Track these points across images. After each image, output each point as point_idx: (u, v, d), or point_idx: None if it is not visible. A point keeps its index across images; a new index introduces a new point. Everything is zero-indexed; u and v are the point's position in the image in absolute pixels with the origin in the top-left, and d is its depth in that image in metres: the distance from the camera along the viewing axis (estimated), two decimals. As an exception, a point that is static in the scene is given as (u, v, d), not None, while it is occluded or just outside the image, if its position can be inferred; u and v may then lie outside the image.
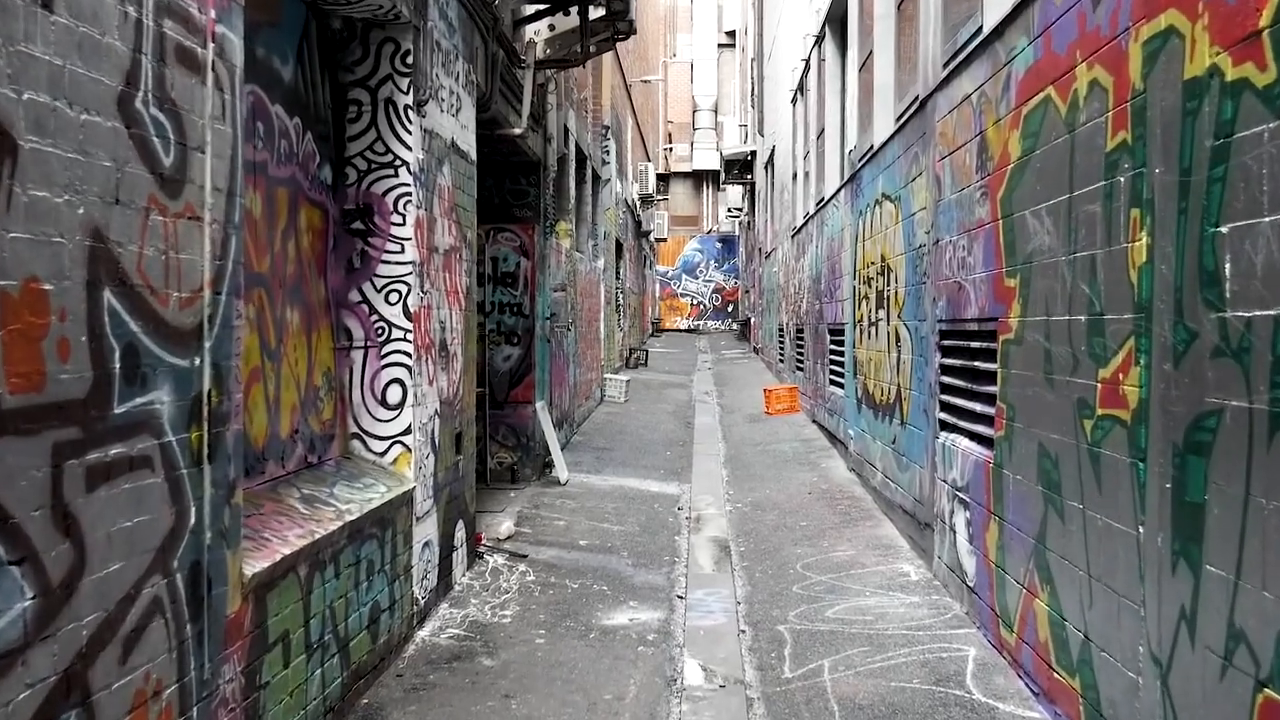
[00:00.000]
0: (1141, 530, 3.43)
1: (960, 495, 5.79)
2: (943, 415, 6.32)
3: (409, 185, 5.29)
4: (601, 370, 16.02)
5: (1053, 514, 4.28)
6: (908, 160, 7.38)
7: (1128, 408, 3.55)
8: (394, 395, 5.29)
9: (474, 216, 6.68)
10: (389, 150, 5.29)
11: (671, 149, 41.90)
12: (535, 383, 9.57)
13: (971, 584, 5.55)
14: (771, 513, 8.53)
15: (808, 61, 14.37)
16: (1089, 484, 3.88)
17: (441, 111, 5.84)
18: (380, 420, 5.30)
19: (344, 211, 5.28)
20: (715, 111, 42.36)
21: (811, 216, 13.95)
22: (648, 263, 34.04)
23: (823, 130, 12.94)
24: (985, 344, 5.41)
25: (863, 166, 9.42)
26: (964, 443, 5.82)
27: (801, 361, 15.22)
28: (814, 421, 13.27)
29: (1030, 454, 4.57)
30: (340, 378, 5.27)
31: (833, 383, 11.68)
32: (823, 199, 12.69)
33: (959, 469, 5.84)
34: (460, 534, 6.35)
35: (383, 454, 5.30)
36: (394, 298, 5.29)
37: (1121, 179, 3.61)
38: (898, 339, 7.76)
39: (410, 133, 5.29)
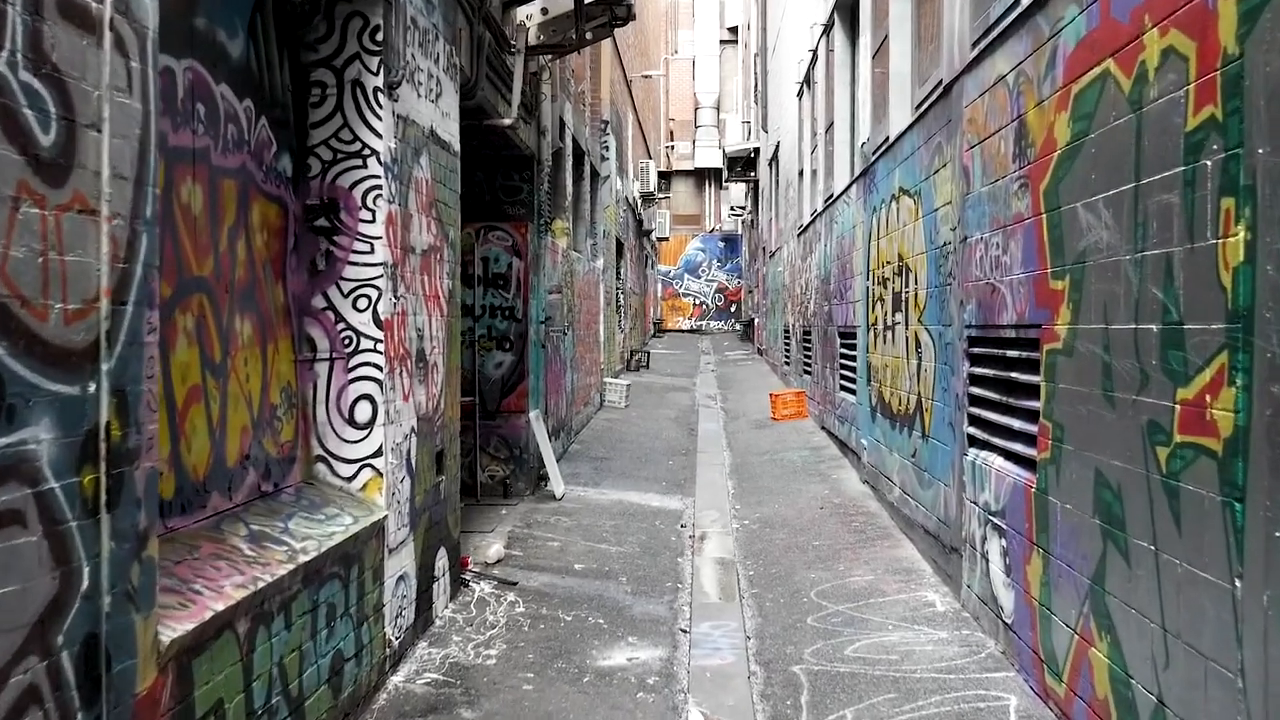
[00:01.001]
0: (1239, 584, 2.85)
1: (994, 520, 5.22)
2: (971, 430, 5.75)
3: (379, 177, 4.72)
4: (601, 374, 15.45)
5: (1114, 553, 3.71)
6: (929, 151, 6.81)
7: (1218, 435, 2.97)
8: (363, 413, 4.73)
9: (457, 213, 6.11)
10: (356, 138, 4.72)
11: (673, 147, 41.33)
12: (529, 391, 9.00)
13: (1009, 620, 4.98)
14: (781, 531, 7.96)
15: (815, 52, 13.79)
16: (1164, 523, 3.31)
17: (418, 96, 5.27)
18: (348, 441, 4.73)
19: (306, 207, 4.71)
20: (717, 109, 41.78)
21: (819, 214, 13.38)
22: (649, 262, 33.47)
23: (831, 124, 12.36)
24: (1024, 353, 4.83)
25: (877, 160, 8.85)
26: (998, 462, 5.24)
27: (809, 365, 14.64)
28: (823, 428, 12.70)
29: (1084, 481, 4.00)
30: (303, 393, 4.70)
31: (843, 388, 11.11)
32: (832, 195, 12.12)
33: (992, 491, 5.27)
34: (442, 562, 5.78)
35: (351, 479, 4.73)
36: (363, 303, 4.72)
37: (1208, 163, 3.04)
38: (918, 344, 7.19)
39: (380, 118, 4.72)
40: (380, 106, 4.72)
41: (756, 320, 28.40)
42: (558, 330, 10.44)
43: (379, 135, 4.72)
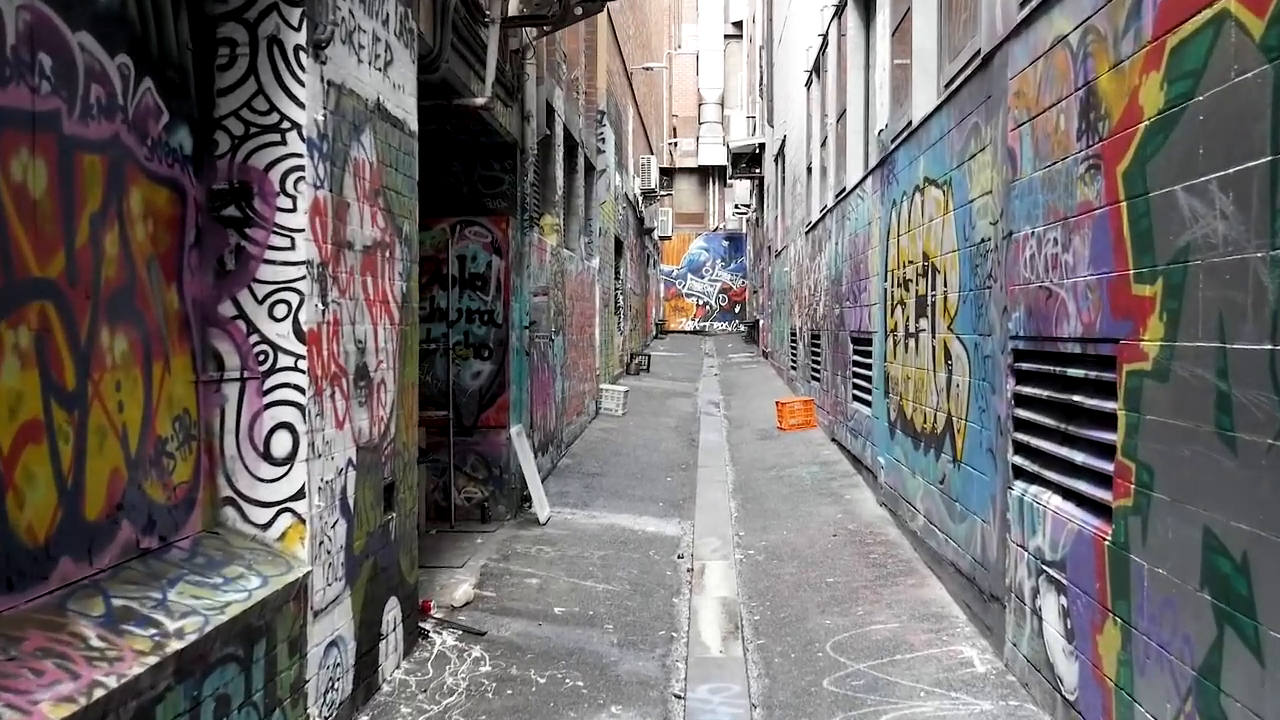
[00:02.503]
0: None
1: (1050, 571, 4.33)
2: (1018, 459, 4.86)
3: (302, 156, 3.85)
4: (597, 381, 14.57)
5: (1235, 642, 2.82)
6: (962, 134, 5.92)
7: None
8: (281, 445, 3.85)
9: (414, 203, 5.24)
10: (273, 108, 3.85)
11: (676, 144, 40.45)
12: (510, 403, 8.12)
13: (1070, 696, 4.09)
14: (790, 563, 7.07)
15: (825, 37, 12.90)
16: (1324, 617, 2.42)
17: (359, 62, 4.40)
18: (262, 480, 3.86)
19: (211, 192, 3.84)
20: (722, 105, 40.86)
21: (830, 210, 12.49)
22: (651, 262, 32.58)
23: (844, 112, 11.47)
24: (1093, 373, 3.95)
25: (897, 148, 7.96)
26: (1055, 502, 4.36)
27: (817, 371, 13.75)
28: (833, 440, 11.82)
29: (1187, 543, 3.11)
30: (207, 422, 3.83)
31: (857, 399, 10.22)
32: (844, 189, 11.23)
33: (1048, 535, 4.38)
34: (393, 614, 4.91)
35: (266, 526, 3.86)
36: (281, 310, 3.85)
37: (1406, 122, 2.16)
38: (948, 356, 6.30)
39: (303, 84, 3.85)
40: (303, 69, 3.85)
41: (761, 322, 27.51)
42: (544, 336, 9.56)
43: (300, 104, 3.85)
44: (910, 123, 7.47)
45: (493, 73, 6.46)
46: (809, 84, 15.04)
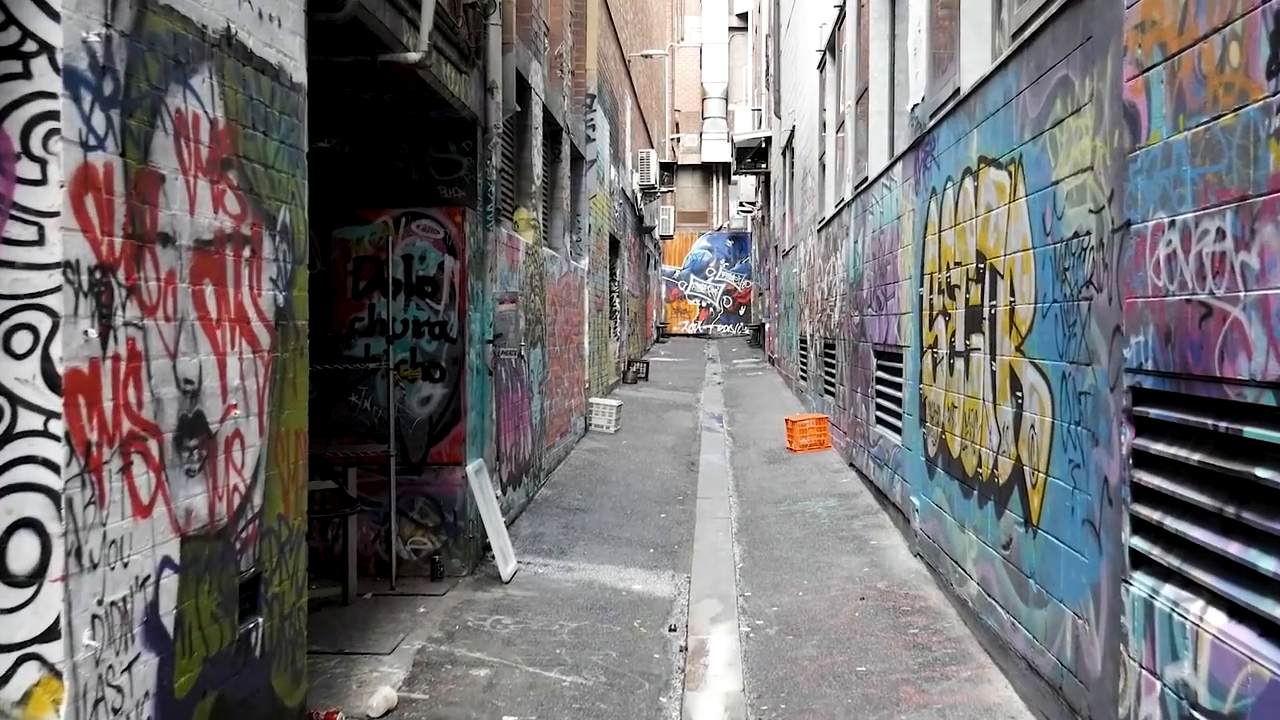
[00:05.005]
0: None
1: (1210, 726, 2.91)
2: (1140, 543, 3.44)
3: (58, 98, 2.44)
4: (586, 395, 13.14)
5: None
6: (1040, 95, 4.50)
7: None
8: (23, 555, 2.44)
9: (300, 183, 3.82)
10: (11, 20, 2.44)
11: (679, 139, 39.01)
12: (466, 434, 6.69)
13: None
14: (810, 640, 5.65)
15: (842, 9, 11.47)
16: None
17: (187, -31, 2.99)
18: (-7, 609, 2.45)
19: (-88, 154, 2.43)
20: (726, 100, 39.47)
21: (847, 204, 11.06)
22: (651, 262, 31.12)
23: (864, 92, 10.04)
24: (1303, 439, 2.52)
25: (938, 124, 6.53)
26: (1218, 621, 2.93)
27: (832, 384, 12.32)
28: (851, 465, 10.38)
29: None
30: (-95, 517, 2.42)
31: (881, 422, 8.80)
32: (865, 180, 9.80)
33: (1204, 670, 2.96)
34: (258, 760, 3.49)
35: (1, 682, 2.45)
36: (23, 342, 2.44)
37: None
38: (1015, 385, 4.87)
39: (58, -17, 2.44)
40: (58, -41, 2.44)
41: (768, 325, 26.06)
42: (513, 351, 8.12)
43: (55, 16, 2.43)
44: (958, 90, 6.04)
45: (430, 20, 5.04)
46: (821, 65, 13.61)
